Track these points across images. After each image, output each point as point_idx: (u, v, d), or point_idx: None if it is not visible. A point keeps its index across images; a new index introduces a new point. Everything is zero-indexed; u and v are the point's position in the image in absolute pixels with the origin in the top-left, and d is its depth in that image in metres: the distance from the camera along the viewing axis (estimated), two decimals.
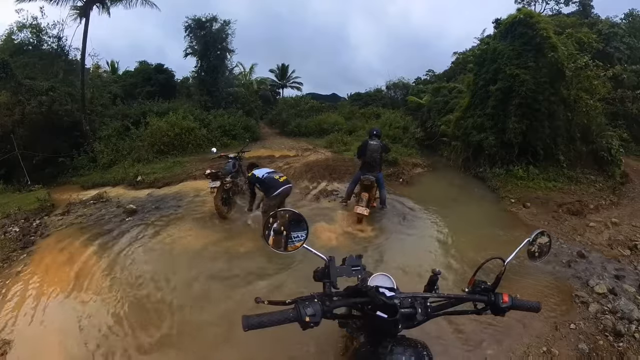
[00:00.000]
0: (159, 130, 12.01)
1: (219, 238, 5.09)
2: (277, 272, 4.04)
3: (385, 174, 8.50)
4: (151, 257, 4.55)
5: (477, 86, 9.28)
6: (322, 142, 13.81)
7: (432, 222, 5.79)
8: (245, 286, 3.77)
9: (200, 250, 4.71)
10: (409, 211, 6.30)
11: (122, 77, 20.37)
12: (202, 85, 16.41)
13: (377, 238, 5.12)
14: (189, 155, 11.82)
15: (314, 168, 9.01)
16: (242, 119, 15.50)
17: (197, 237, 5.13)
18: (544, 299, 3.59)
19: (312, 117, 18.20)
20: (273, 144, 14.42)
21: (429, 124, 12.91)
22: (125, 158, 11.27)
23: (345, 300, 1.25)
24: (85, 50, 12.60)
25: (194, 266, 4.25)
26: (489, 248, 4.57)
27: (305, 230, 1.42)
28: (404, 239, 5.14)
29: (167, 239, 5.14)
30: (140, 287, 3.83)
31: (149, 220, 5.93)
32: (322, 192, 7.31)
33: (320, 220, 5.73)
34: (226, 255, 4.51)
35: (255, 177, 5.16)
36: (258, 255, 4.39)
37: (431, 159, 11.03)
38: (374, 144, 5.85)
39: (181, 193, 7.44)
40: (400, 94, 21.96)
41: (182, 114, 13.22)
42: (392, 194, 7.40)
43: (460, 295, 1.35)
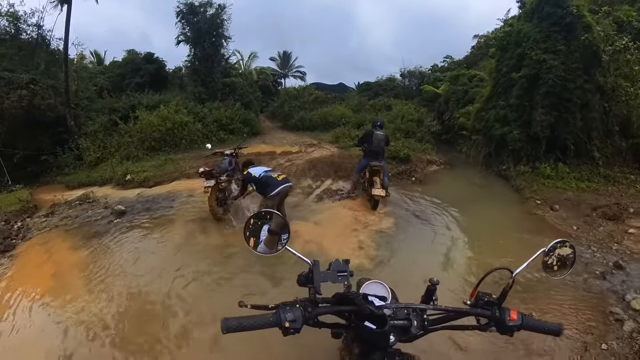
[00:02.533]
0: (150, 125, 12.16)
1: (214, 241, 5.15)
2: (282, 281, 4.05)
3: (396, 172, 8.58)
4: (141, 263, 4.61)
5: (499, 73, 9.19)
6: (328, 137, 13.83)
7: (447, 226, 5.76)
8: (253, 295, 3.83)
9: (194, 253, 4.77)
10: (421, 213, 6.29)
11: (108, 68, 20.60)
12: (196, 75, 16.53)
13: (382, 244, 5.12)
14: (182, 152, 11.95)
15: (317, 165, 9.04)
16: (240, 112, 15.60)
17: (190, 240, 5.20)
18: (572, 315, 3.54)
19: (316, 110, 18.24)
20: (274, 139, 14.47)
21: (446, 116, 12.83)
22: (113, 155, 11.43)
23: (331, 307, 1.26)
24: (68, 39, 12.74)
25: (186, 273, 4.30)
26: (511, 255, 4.52)
27: (287, 233, 1.47)
28: (414, 243, 5.13)
29: (159, 243, 5.21)
30: (128, 297, 3.88)
31: (139, 222, 6.02)
32: (326, 192, 7.34)
33: (320, 222, 5.76)
34: (222, 261, 4.56)
35: (251, 176, 5.18)
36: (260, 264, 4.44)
37: (448, 156, 10.96)
38: (380, 134, 6.54)
39: (173, 193, 7.52)
40: (415, 83, 21.86)
41: (175, 107, 13.37)
42: (402, 194, 7.41)
43: (461, 309, 1.34)
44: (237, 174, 6.72)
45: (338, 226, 5.69)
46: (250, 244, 1.44)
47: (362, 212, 6.31)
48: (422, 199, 7.08)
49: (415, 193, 7.49)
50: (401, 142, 10.89)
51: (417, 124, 13.60)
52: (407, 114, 14.48)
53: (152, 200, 7.17)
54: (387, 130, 12.24)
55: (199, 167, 6.82)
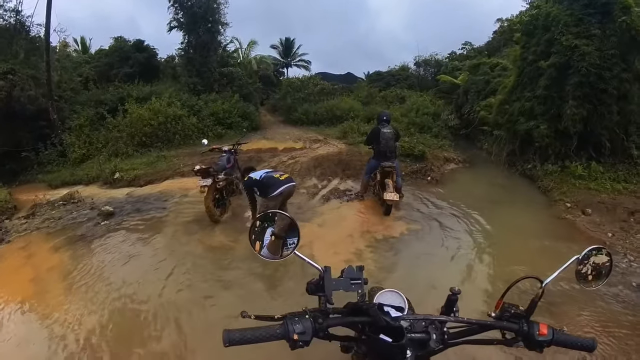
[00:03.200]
0: (140, 118, 12.27)
1: (211, 245, 5.17)
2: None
3: (410, 171, 8.56)
4: (131, 269, 4.65)
5: (525, 62, 9.11)
6: (335, 132, 13.85)
7: (466, 231, 5.73)
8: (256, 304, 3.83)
9: (189, 258, 4.79)
10: (438, 217, 6.28)
11: (94, 57, 20.71)
12: (191, 65, 16.61)
13: (393, 249, 5.12)
14: (175, 148, 12.05)
15: (324, 163, 9.06)
16: (239, 104, 15.67)
17: (185, 244, 5.23)
18: (605, 331, 3.52)
19: (322, 102, 18.25)
20: (276, 135, 14.52)
21: (466, 110, 12.77)
22: (100, 152, 11.57)
23: (343, 318, 1.26)
24: (50, 25, 12.84)
25: (180, 280, 4.33)
26: (537, 264, 4.48)
27: (297, 237, 1.48)
28: (429, 250, 5.11)
29: (150, 247, 5.25)
30: (114, 307, 3.88)
31: (129, 225, 6.07)
32: (334, 192, 7.35)
33: (329, 226, 5.77)
34: (220, 267, 4.58)
35: (253, 179, 5.15)
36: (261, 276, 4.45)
37: (467, 153, 10.92)
38: (388, 132, 6.46)
39: (166, 193, 7.59)
40: (431, 73, 21.76)
41: (167, 100, 13.49)
42: (417, 195, 7.39)
43: (485, 321, 1.33)
44: (236, 173, 6.75)
45: (343, 230, 5.69)
46: (255, 248, 1.46)
47: (372, 215, 6.32)
48: (438, 201, 7.06)
49: (431, 194, 7.47)
50: (416, 138, 10.86)
51: (433, 118, 13.55)
52: (422, 106, 14.42)
53: (143, 201, 7.23)
54: (400, 125, 12.32)
55: (194, 164, 6.87)
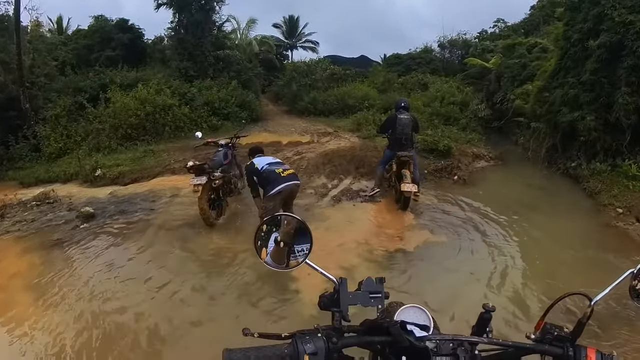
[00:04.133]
0: (125, 108, 12.39)
1: (206, 252, 5.21)
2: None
3: (433, 169, 8.54)
4: (113, 280, 4.68)
5: (569, 41, 9.00)
6: (347, 124, 13.84)
7: (499, 240, 5.69)
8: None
9: (180, 267, 4.82)
10: (465, 222, 6.24)
11: (72, 38, 20.89)
12: (182, 47, 16.72)
13: (414, 257, 5.12)
14: (165, 142, 12.16)
15: (334, 160, 9.08)
16: (237, 92, 15.76)
17: (176, 251, 5.27)
18: None
19: (332, 90, 18.23)
20: (279, 127, 14.56)
21: (498, 98, 12.68)
22: (79, 146, 11.70)
23: (360, 337, 1.25)
24: (20, 3, 12.94)
25: (169, 293, 4.36)
26: (583, 279, 4.44)
27: (309, 243, 1.48)
28: (454, 261, 5.09)
29: (135, 254, 5.30)
30: (94, 323, 3.90)
31: (111, 228, 6.14)
32: (345, 192, 7.36)
33: (342, 231, 5.77)
34: (215, 278, 4.61)
35: (254, 167, 5.29)
36: None
37: (500, 148, 10.86)
38: (405, 117, 6.72)
39: (155, 192, 7.67)
40: (458, 55, 21.64)
41: (156, 87, 13.60)
42: (441, 197, 7.37)
43: (523, 344, 1.30)
44: (234, 170, 6.78)
45: (351, 235, 5.67)
46: (261, 255, 1.47)
47: (390, 220, 6.32)
48: (466, 205, 7.02)
49: (458, 196, 7.44)
50: (440, 131, 10.81)
51: (460, 108, 13.47)
52: (447, 94, 14.34)
53: (128, 201, 7.31)
54: (421, 116, 12.27)
55: (186, 160, 6.90)
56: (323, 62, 21.67)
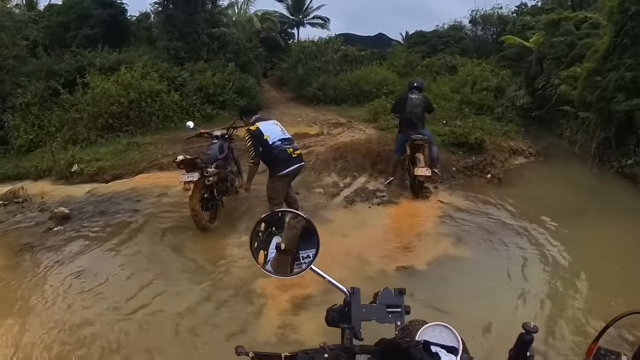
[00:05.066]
0: (106, 95, 12.46)
1: (198, 260, 5.21)
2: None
3: (463, 166, 8.47)
4: (90, 292, 4.68)
5: (626, 15, 8.86)
6: (362, 113, 13.82)
7: (540, 250, 5.62)
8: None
9: (167, 278, 4.82)
10: (497, 230, 6.16)
11: (44, 15, 20.98)
12: (171, 25, 16.78)
13: (419, 279, 5.01)
14: (151, 133, 12.24)
15: (347, 154, 9.06)
16: (235, 76, 15.80)
17: (163, 259, 5.28)
18: None
19: (345, 73, 18.22)
20: (284, 116, 14.47)
21: (540, 83, 12.52)
22: (53, 137, 11.82)
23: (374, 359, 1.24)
24: None
25: (154, 309, 4.35)
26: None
27: (314, 247, 1.46)
28: (488, 273, 5.04)
29: (116, 262, 5.31)
30: (64, 344, 3.89)
31: (89, 232, 6.16)
32: (359, 192, 7.34)
33: (347, 237, 5.75)
34: (208, 290, 4.61)
35: (262, 136, 5.53)
36: None
37: (542, 142, 10.75)
38: (416, 97, 7.48)
39: (140, 191, 7.69)
40: (492, 33, 21.46)
41: (141, 70, 13.62)
42: (472, 199, 7.32)
43: None
44: (231, 165, 6.78)
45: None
46: (258, 260, 1.44)
47: (407, 226, 6.30)
48: (500, 209, 6.96)
49: (492, 198, 7.39)
50: (471, 122, 10.73)
51: (495, 95, 13.35)
52: (480, 79, 14.21)
53: (109, 201, 7.34)
54: (450, 104, 12.21)
55: (176, 154, 6.93)
56: (334, 41, 21.66)
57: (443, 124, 10.61)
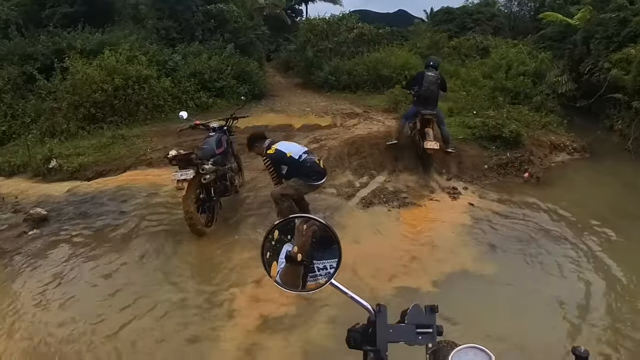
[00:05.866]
0: (87, 81, 12.43)
1: (193, 271, 5.25)
2: None
3: (496, 163, 8.43)
4: (68, 305, 4.73)
5: None
6: (380, 102, 13.78)
7: (585, 262, 5.57)
8: None
9: (157, 291, 4.86)
10: (538, 237, 6.13)
11: None
12: (161, 1, 16.76)
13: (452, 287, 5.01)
14: (139, 124, 12.27)
15: (363, 149, 9.06)
16: (235, 59, 15.76)
17: (151, 269, 5.33)
18: None
19: (361, 56, 18.17)
20: (290, 105, 14.60)
21: (586, 67, 12.40)
22: (28, 129, 11.85)
23: None
24: None
25: (142, 327, 4.40)
26: None
27: (336, 258, 1.46)
28: (526, 285, 5.00)
29: (99, 272, 5.34)
30: None
31: (69, 236, 6.21)
32: (378, 193, 7.34)
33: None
34: (204, 307, 4.64)
35: (285, 156, 5.87)
36: None
37: (588, 136, 10.65)
38: (432, 75, 8.48)
39: (126, 190, 7.75)
40: (530, 9, 21.31)
41: (127, 53, 13.59)
42: (506, 202, 7.26)
43: None
44: (230, 161, 6.80)
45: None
46: (271, 272, 1.45)
47: (427, 231, 6.29)
48: (540, 212, 6.91)
49: (529, 200, 7.34)
50: (505, 112, 10.61)
51: (533, 81, 13.20)
52: (515, 62, 14.09)
53: (92, 201, 7.40)
54: (481, 91, 12.16)
55: (168, 148, 6.95)
56: (349, 19, 21.49)
57: (473, 115, 10.58)
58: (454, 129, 9.66)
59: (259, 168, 7.80)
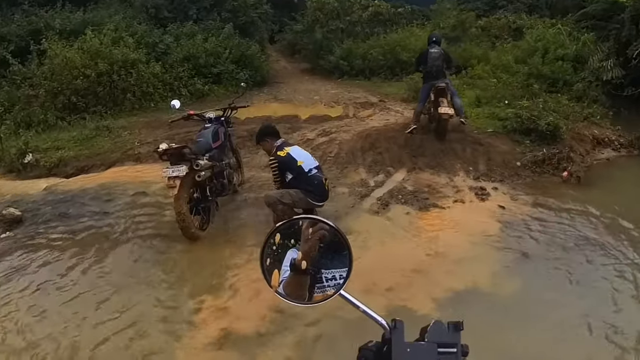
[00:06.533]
0: (68, 66, 12.48)
1: (186, 281, 5.22)
2: None
3: (530, 161, 8.40)
4: (45, 319, 4.71)
5: None
6: (399, 90, 13.78)
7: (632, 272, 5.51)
8: None
9: (146, 303, 4.84)
10: (578, 247, 6.05)
11: None
12: None
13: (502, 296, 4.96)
14: (126, 114, 12.34)
15: (379, 143, 9.06)
16: (234, 42, 15.83)
17: (141, 278, 5.30)
18: None
19: (376, 38, 18.20)
20: (296, 93, 14.67)
21: (634, 50, 12.32)
22: (1, 120, 11.86)
23: None
24: None
25: (128, 344, 4.37)
26: None
27: (346, 267, 1.42)
28: (566, 301, 4.93)
29: (81, 281, 5.33)
30: None
31: (46, 240, 6.21)
32: (396, 193, 7.30)
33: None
34: (195, 320, 4.62)
35: (293, 161, 5.88)
36: None
37: (637, 130, 10.48)
38: (435, 51, 9.35)
39: (111, 188, 7.75)
40: None
41: (113, 34, 13.67)
42: (541, 206, 7.18)
43: None
44: (229, 156, 6.78)
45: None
46: (271, 281, 1.42)
47: (451, 240, 6.09)
48: (582, 217, 6.82)
49: (568, 203, 7.26)
50: (542, 102, 10.56)
51: (573, 66, 13.16)
52: (553, 45, 14.03)
53: (72, 201, 7.39)
54: (514, 78, 12.15)
55: (158, 142, 6.95)
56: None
57: (504, 105, 10.54)
58: (482, 121, 9.71)
59: (261, 165, 7.82)
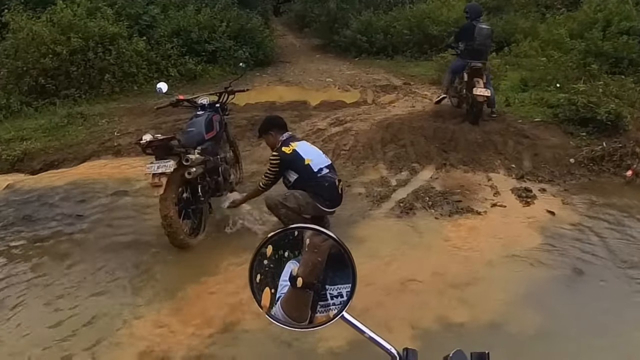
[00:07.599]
0: (35, 41, 12.57)
1: (176, 296, 5.29)
2: None
3: (586, 156, 8.36)
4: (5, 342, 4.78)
5: None
6: (427, 70, 13.85)
7: None
8: None
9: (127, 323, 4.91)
10: None
11: None
12: None
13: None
14: (104, 99, 12.45)
15: (402, 135, 9.10)
16: (232, 14, 15.94)
17: (119, 293, 5.34)
18: None
19: (400, 9, 18.26)
20: (306, 75, 14.70)
21: None
22: None
23: None
24: None
25: None
26: None
27: (349, 283, 1.45)
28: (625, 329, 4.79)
29: (49, 297, 5.36)
30: None
31: (7, 248, 6.28)
32: (422, 195, 7.30)
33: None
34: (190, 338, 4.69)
35: (300, 159, 5.94)
36: None
37: None
38: (486, 28, 9.59)
39: (86, 187, 7.80)
40: None
41: (88, 4, 13.71)
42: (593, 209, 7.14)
43: None
44: (225, 150, 6.84)
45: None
46: (262, 302, 1.44)
47: (483, 255, 5.85)
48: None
49: (633, 207, 7.20)
50: (602, 85, 10.49)
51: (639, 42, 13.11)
52: (617, 16, 13.91)
53: (39, 201, 7.45)
54: (568, 57, 12.20)
55: (141, 132, 6.98)
56: None
57: (556, 89, 10.55)
58: (528, 109, 9.73)
59: (263, 159, 7.84)
